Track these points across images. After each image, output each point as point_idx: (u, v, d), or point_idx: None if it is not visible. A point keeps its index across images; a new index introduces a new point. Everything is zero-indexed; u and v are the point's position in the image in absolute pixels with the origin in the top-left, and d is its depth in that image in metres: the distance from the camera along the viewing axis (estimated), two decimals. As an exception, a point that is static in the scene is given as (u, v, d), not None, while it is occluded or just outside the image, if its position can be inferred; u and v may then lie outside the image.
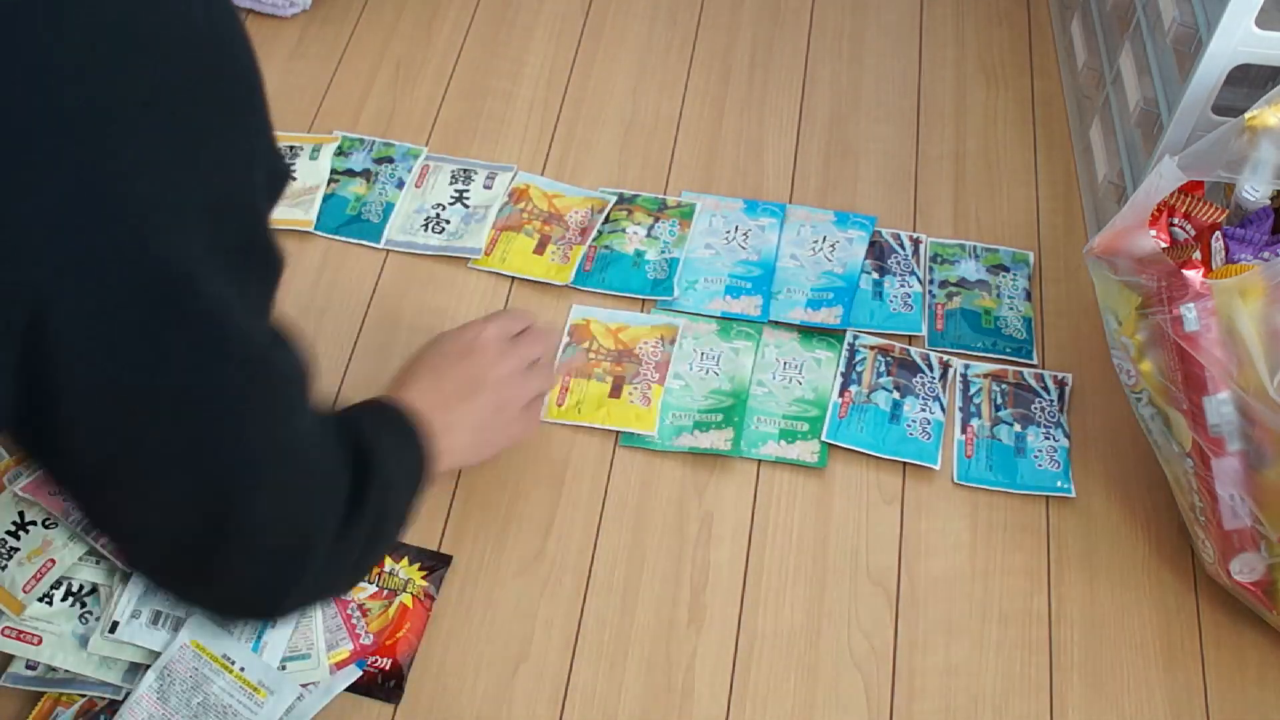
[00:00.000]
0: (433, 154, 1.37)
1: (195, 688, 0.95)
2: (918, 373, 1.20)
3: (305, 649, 0.99)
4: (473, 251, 1.28)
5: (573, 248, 1.28)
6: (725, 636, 1.06)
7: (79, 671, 0.98)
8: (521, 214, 1.32)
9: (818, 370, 1.20)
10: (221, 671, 0.96)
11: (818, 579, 1.09)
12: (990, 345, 1.23)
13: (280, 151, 0.78)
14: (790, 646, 1.05)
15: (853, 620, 1.07)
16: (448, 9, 1.52)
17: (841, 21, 1.53)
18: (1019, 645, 1.06)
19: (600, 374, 1.19)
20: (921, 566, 1.10)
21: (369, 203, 1.32)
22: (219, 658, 0.96)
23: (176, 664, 0.96)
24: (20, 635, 0.98)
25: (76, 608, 1.00)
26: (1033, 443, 1.16)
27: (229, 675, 0.96)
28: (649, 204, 1.33)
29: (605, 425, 1.16)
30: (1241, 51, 1.08)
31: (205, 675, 0.96)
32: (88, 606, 1.00)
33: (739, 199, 1.34)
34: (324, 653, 0.99)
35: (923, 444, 1.15)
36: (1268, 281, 0.91)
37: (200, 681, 0.95)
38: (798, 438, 1.16)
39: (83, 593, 1.01)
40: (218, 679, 0.95)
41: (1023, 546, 1.11)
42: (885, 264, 1.28)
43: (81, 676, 0.98)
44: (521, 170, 1.36)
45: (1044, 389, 1.19)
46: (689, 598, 1.07)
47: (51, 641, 0.98)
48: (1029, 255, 1.30)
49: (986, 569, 1.10)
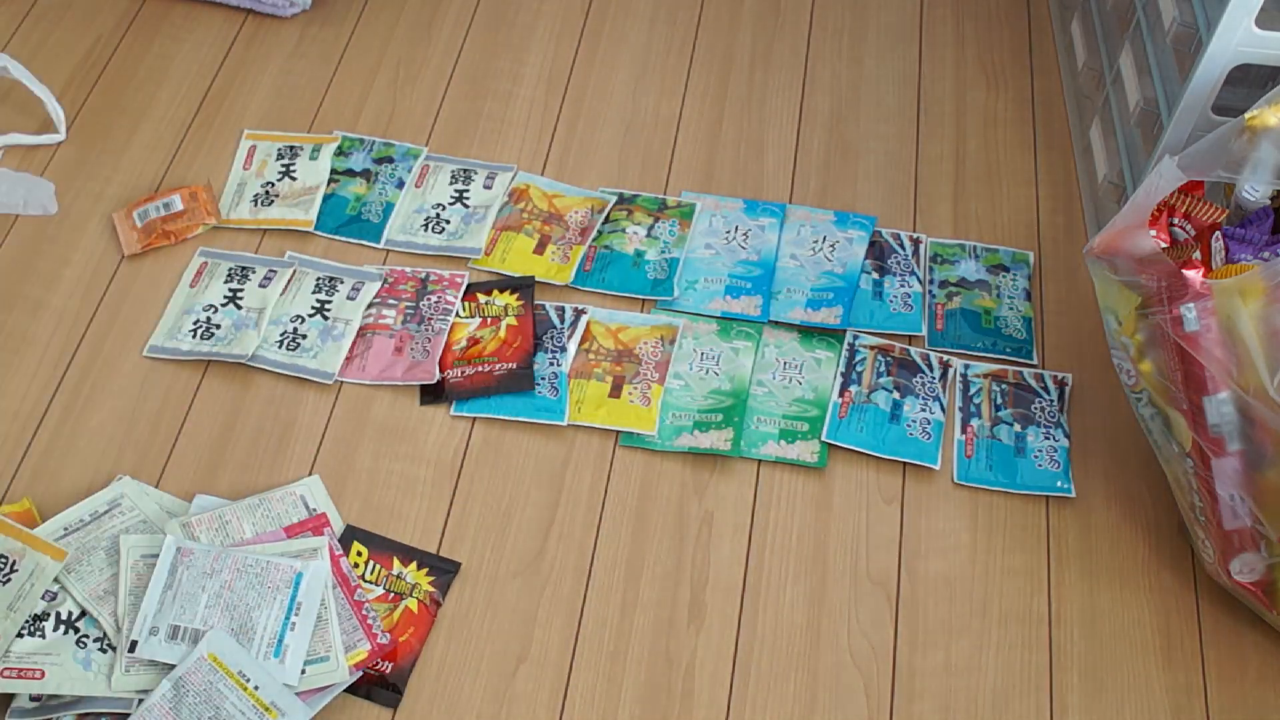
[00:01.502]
0: (433, 154, 1.37)
1: (208, 702, 0.95)
2: (918, 373, 1.20)
3: (324, 652, 0.99)
4: (473, 251, 1.28)
5: (573, 248, 1.28)
6: (725, 636, 1.05)
7: (91, 694, 0.97)
8: (521, 214, 1.32)
9: (818, 370, 1.20)
10: (236, 688, 0.96)
11: (818, 579, 1.09)
12: (990, 345, 1.23)
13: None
14: (790, 646, 1.05)
15: (853, 620, 1.07)
16: (448, 9, 1.52)
17: (841, 21, 1.53)
18: (1019, 645, 1.06)
19: (600, 374, 1.19)
20: (921, 566, 1.10)
21: (369, 203, 1.32)
22: (235, 674, 0.96)
23: (192, 676, 0.96)
24: (21, 673, 0.97)
25: (71, 635, 0.99)
26: (1033, 443, 1.16)
27: (243, 693, 0.96)
28: (649, 204, 1.33)
29: (605, 425, 1.16)
30: (1241, 51, 1.08)
31: (220, 690, 0.96)
32: (82, 630, 1.00)
33: (739, 199, 1.34)
34: (342, 654, 0.99)
35: (923, 444, 1.15)
36: (1268, 281, 0.91)
37: (214, 696, 0.95)
38: (798, 438, 1.16)
39: (73, 619, 1.00)
40: (231, 695, 0.95)
41: (1023, 546, 1.11)
42: (885, 264, 1.28)
43: (89, 698, 0.97)
44: (521, 170, 1.36)
45: (1044, 389, 1.19)
46: (689, 598, 1.07)
47: (56, 673, 0.97)
48: (1029, 255, 1.30)
49: (986, 569, 1.10)
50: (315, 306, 1.23)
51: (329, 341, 1.20)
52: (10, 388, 1.18)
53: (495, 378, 1.18)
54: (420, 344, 1.20)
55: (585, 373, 1.19)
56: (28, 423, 1.16)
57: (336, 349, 1.20)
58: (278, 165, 1.34)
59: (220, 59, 1.45)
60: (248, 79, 1.43)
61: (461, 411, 1.17)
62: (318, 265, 1.26)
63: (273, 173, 1.34)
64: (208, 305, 1.23)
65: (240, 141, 1.37)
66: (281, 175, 1.34)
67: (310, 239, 1.30)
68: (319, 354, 1.19)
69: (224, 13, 1.49)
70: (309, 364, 1.19)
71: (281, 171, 1.34)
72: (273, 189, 1.33)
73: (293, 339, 1.20)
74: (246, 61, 1.45)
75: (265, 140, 1.37)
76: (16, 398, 1.17)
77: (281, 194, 1.32)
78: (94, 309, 1.23)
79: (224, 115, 1.40)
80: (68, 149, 1.36)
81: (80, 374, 1.19)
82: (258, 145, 1.37)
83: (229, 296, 1.23)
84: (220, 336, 1.21)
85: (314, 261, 1.27)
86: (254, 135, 1.38)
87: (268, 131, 1.38)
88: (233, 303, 1.23)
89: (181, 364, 1.20)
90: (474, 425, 1.17)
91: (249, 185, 1.33)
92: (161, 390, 1.18)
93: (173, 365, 1.20)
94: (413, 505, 1.12)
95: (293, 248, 1.29)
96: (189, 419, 1.17)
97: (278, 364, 1.19)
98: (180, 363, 1.20)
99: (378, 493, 1.13)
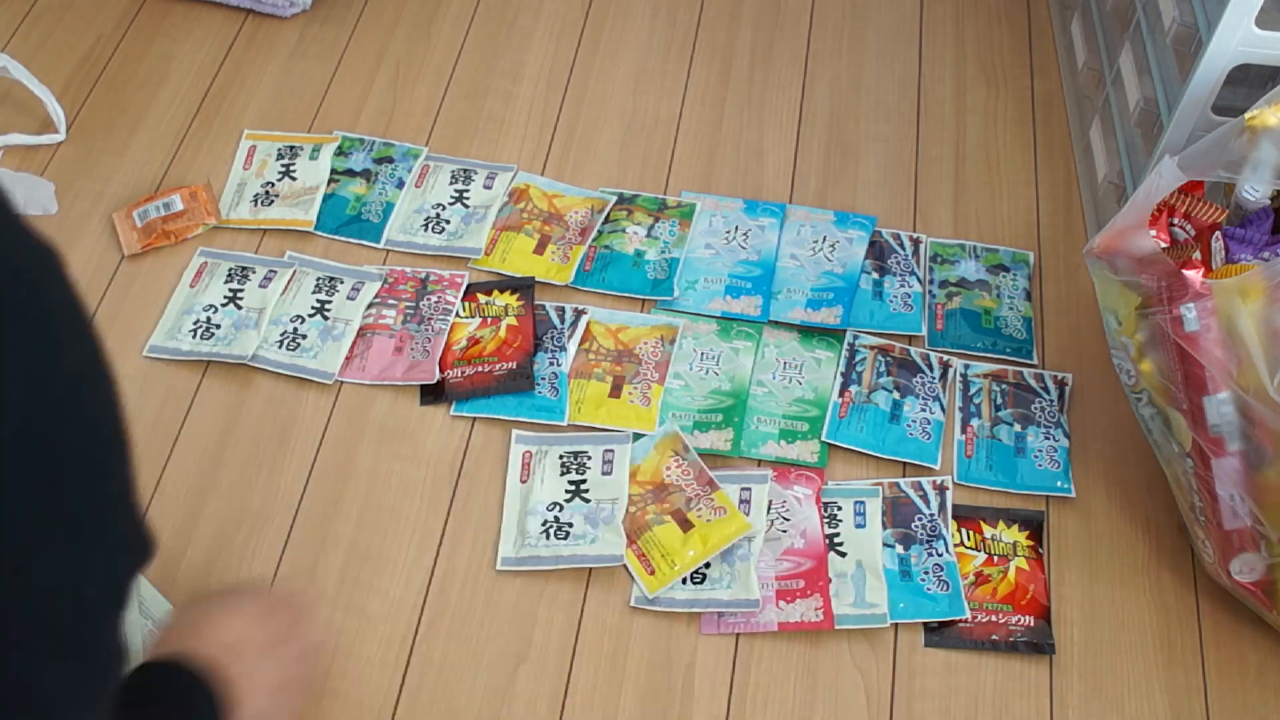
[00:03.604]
0: (433, 154, 1.37)
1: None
2: (918, 373, 1.20)
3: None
4: (473, 252, 1.28)
5: (573, 247, 1.28)
6: (726, 636, 1.05)
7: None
8: (521, 214, 1.32)
9: (818, 370, 1.20)
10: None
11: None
12: (990, 345, 1.23)
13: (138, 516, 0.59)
14: (790, 646, 1.05)
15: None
16: (448, 9, 1.52)
17: (841, 21, 1.53)
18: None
19: (600, 374, 1.19)
20: (921, 566, 1.10)
21: (369, 203, 1.32)
22: None
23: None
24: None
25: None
26: (1033, 443, 1.16)
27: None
28: (649, 204, 1.33)
29: (605, 425, 1.16)
30: (1241, 51, 1.08)
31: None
32: None
33: (739, 199, 1.34)
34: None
35: (923, 444, 1.15)
36: (1268, 281, 0.91)
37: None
38: (798, 438, 1.16)
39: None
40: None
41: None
42: (885, 264, 1.28)
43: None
44: (522, 170, 1.36)
45: (1044, 389, 1.19)
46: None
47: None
48: (1029, 255, 1.30)
49: (986, 569, 1.10)
50: (315, 306, 1.23)
51: (329, 341, 1.20)
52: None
53: (495, 378, 1.18)
54: (420, 344, 1.20)
55: (585, 373, 1.19)
56: (28, 423, 1.16)
57: (336, 349, 1.20)
58: (278, 165, 1.34)
59: (220, 59, 1.45)
60: (248, 79, 1.43)
61: (461, 411, 1.17)
62: (318, 265, 1.26)
63: (273, 173, 1.34)
64: (208, 305, 1.23)
65: (240, 142, 1.37)
66: (281, 175, 1.34)
67: (310, 239, 1.30)
68: (319, 354, 1.19)
69: (224, 13, 1.49)
70: (309, 364, 1.19)
71: (281, 171, 1.34)
72: (273, 189, 1.33)
73: (293, 339, 1.20)
74: (246, 61, 1.45)
75: (265, 140, 1.37)
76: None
77: (281, 194, 1.32)
78: (94, 309, 1.23)
79: (224, 115, 1.40)
80: (68, 149, 1.36)
81: (80, 374, 1.19)
82: (258, 145, 1.37)
83: (229, 297, 1.23)
84: (220, 336, 1.21)
85: (314, 261, 1.27)
86: (254, 135, 1.38)
87: (268, 132, 1.38)
88: (233, 303, 1.23)
89: (181, 364, 1.20)
90: (474, 425, 1.17)
91: (249, 185, 1.33)
92: (162, 390, 1.18)
93: (172, 365, 1.20)
94: (412, 505, 1.12)
95: (293, 248, 1.29)
96: (189, 419, 1.17)
97: (278, 364, 1.19)
98: (180, 363, 1.20)
99: (378, 493, 1.13)
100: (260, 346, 1.20)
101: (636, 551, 1.07)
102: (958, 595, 1.06)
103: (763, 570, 1.07)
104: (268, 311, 1.22)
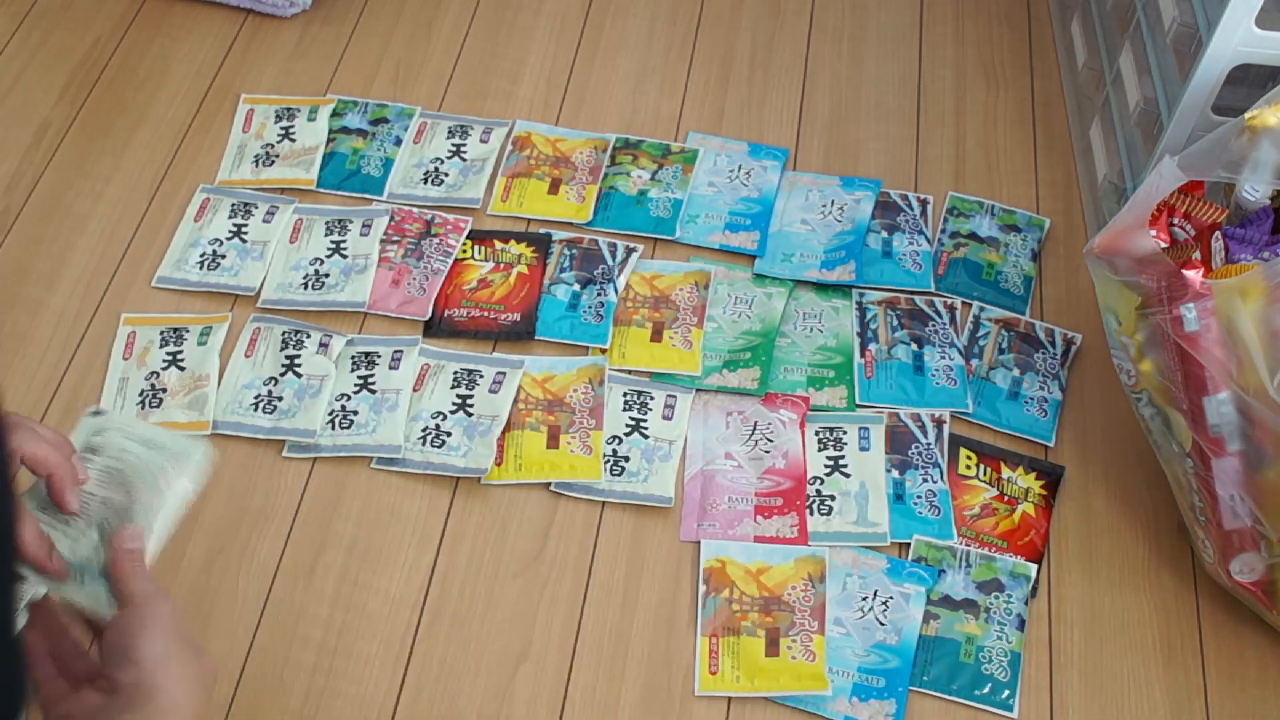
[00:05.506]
0: (427, 111, 1.40)
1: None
2: (929, 321, 1.22)
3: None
4: (471, 202, 1.31)
5: (586, 187, 1.32)
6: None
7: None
8: (528, 160, 1.35)
9: (836, 318, 1.23)
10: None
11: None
12: (984, 296, 1.25)
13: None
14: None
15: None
16: (448, 9, 1.52)
17: (841, 21, 1.53)
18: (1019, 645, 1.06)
19: (640, 320, 1.22)
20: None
21: (367, 156, 1.35)
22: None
23: None
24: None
25: None
26: (1027, 389, 1.19)
27: None
28: (653, 150, 1.36)
29: (651, 368, 1.19)
30: (1241, 51, 1.08)
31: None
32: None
33: (744, 141, 1.38)
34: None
35: (951, 390, 1.18)
36: (1268, 281, 0.91)
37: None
38: (825, 384, 1.18)
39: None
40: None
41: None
42: (894, 221, 1.30)
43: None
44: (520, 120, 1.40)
45: (1050, 343, 1.21)
46: (689, 598, 1.07)
47: None
48: (1045, 221, 1.32)
49: (986, 569, 1.10)
50: (331, 247, 1.26)
51: (353, 275, 1.24)
52: (10, 388, 1.18)
53: (499, 325, 1.22)
54: (418, 280, 1.24)
55: (625, 320, 1.22)
56: (28, 423, 1.16)
57: (363, 280, 1.24)
58: (276, 128, 1.37)
59: (220, 59, 1.45)
60: (248, 79, 1.43)
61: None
62: (321, 211, 1.30)
63: (272, 135, 1.37)
64: (213, 239, 1.27)
65: (238, 106, 1.39)
66: (281, 137, 1.37)
67: (313, 196, 1.33)
68: (345, 288, 1.24)
69: (224, 13, 1.49)
70: (338, 298, 1.23)
71: (281, 133, 1.37)
72: (273, 150, 1.36)
73: (316, 279, 1.24)
74: (246, 61, 1.45)
75: (263, 104, 1.40)
76: (16, 398, 1.17)
77: (282, 155, 1.35)
78: (94, 309, 1.23)
79: (224, 115, 1.40)
80: (68, 149, 1.36)
81: (80, 374, 1.19)
82: (255, 109, 1.39)
83: (234, 230, 1.28)
84: (227, 267, 1.25)
85: (315, 208, 1.31)
86: (251, 99, 1.40)
87: (265, 95, 1.40)
88: (237, 236, 1.28)
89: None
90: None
91: (249, 147, 1.36)
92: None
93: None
94: (413, 505, 1.12)
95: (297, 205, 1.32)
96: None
97: (308, 303, 1.23)
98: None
99: (378, 493, 1.13)
100: (282, 289, 1.24)
101: (498, 442, 1.14)
102: (948, 521, 1.10)
103: (744, 486, 1.11)
104: (272, 245, 1.26)
